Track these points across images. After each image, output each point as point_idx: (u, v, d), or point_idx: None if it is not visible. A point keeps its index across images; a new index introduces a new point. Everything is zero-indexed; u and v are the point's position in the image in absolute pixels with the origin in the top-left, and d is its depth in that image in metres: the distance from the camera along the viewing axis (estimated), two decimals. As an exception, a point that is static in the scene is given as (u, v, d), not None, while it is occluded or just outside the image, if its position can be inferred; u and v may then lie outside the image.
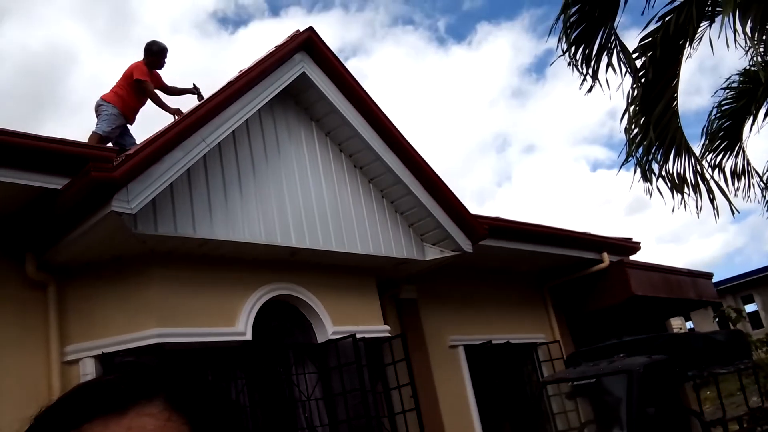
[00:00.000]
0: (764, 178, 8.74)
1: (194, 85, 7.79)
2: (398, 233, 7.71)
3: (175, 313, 5.85)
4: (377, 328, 7.47)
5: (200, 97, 7.65)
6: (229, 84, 6.13)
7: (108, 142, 7.06)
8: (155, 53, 7.43)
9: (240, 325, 6.22)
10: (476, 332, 9.37)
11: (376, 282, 7.77)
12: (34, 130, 5.67)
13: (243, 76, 6.21)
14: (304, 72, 6.87)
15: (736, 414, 9.34)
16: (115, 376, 0.67)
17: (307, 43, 6.90)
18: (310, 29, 7.01)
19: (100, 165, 4.97)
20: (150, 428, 0.61)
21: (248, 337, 6.23)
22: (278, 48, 6.64)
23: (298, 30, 7.02)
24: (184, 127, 5.59)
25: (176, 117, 6.55)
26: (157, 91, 7.56)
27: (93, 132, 7.07)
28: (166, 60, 7.55)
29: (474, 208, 8.08)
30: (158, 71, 7.59)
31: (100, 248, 5.59)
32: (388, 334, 7.54)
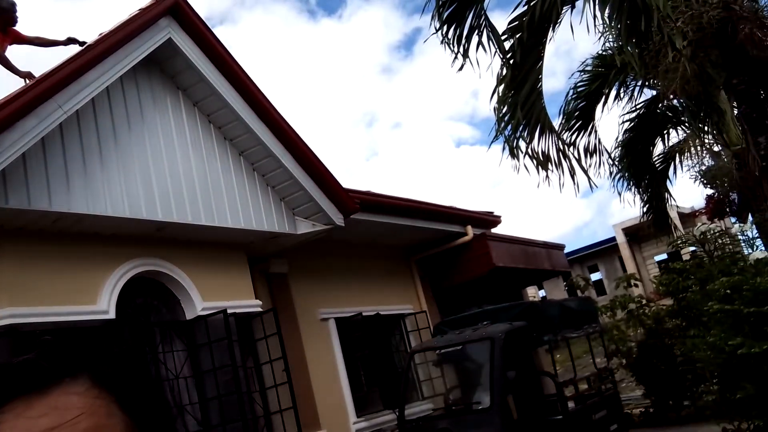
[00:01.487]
0: (613, 156, 9.49)
1: (69, 37, 7.13)
2: (270, 207, 7.63)
3: (29, 291, 5.47)
4: (248, 303, 7.39)
5: (82, 45, 7.04)
6: (89, 48, 5.75)
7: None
8: (3, 10, 6.78)
9: (102, 303, 5.92)
10: (347, 305, 9.51)
11: (247, 256, 7.66)
12: None
13: (103, 39, 5.84)
14: (170, 38, 6.56)
15: (585, 374, 10.16)
16: (35, 355, 0.64)
17: (174, 8, 6.59)
18: (177, -7, 6.69)
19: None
20: (77, 406, 0.60)
21: (111, 315, 5.95)
22: (143, 11, 6.30)
23: (163, -7, 6.67)
24: (39, 93, 5.18)
25: (27, 81, 6.04)
26: (24, 46, 6.91)
27: None
28: (17, 15, 6.90)
29: (343, 182, 8.14)
30: (14, 28, 6.92)
31: (-59, 223, 5.09)
32: (259, 309, 7.49)
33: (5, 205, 5.11)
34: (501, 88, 6.99)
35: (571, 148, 8.33)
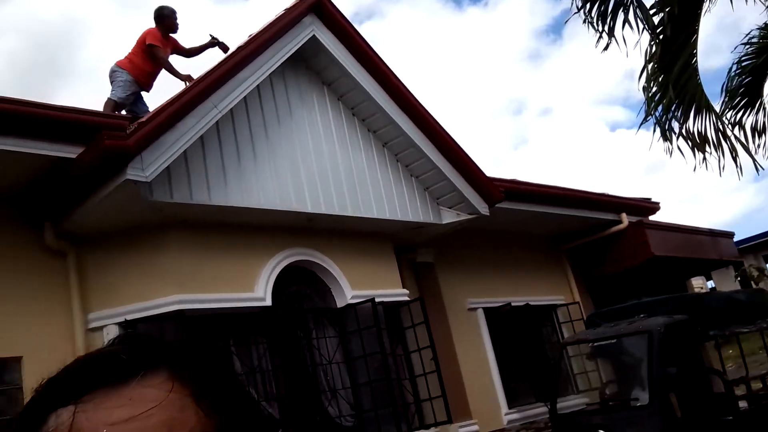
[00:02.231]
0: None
1: (212, 36, 7.65)
2: (414, 197, 7.68)
3: (194, 279, 5.90)
4: (395, 292, 7.48)
5: (222, 46, 7.54)
6: (239, 49, 6.08)
7: (122, 109, 7.03)
8: (165, 17, 7.35)
9: (259, 291, 6.26)
10: (495, 295, 9.37)
11: (393, 246, 7.76)
12: (49, 100, 5.65)
13: (253, 40, 6.15)
14: (314, 35, 6.79)
15: (759, 372, 9.29)
16: (117, 347, 0.66)
17: (317, 5, 6.81)
18: (320, -9, 6.91)
19: (113, 133, 4.98)
20: (151, 398, 0.60)
21: (268, 302, 6.27)
22: (287, 11, 6.56)
23: (307, -7, 6.91)
24: (196, 94, 5.56)
25: (187, 83, 6.50)
26: (176, 56, 7.50)
27: (108, 98, 7.03)
28: (177, 22, 7.45)
29: (491, 171, 7.99)
30: (174, 36, 7.50)
31: (117, 217, 5.61)
32: (406, 298, 7.56)
33: (170, 200, 5.54)
34: (650, 66, 6.53)
35: (736, 128, 7.61)
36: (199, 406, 0.63)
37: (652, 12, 6.33)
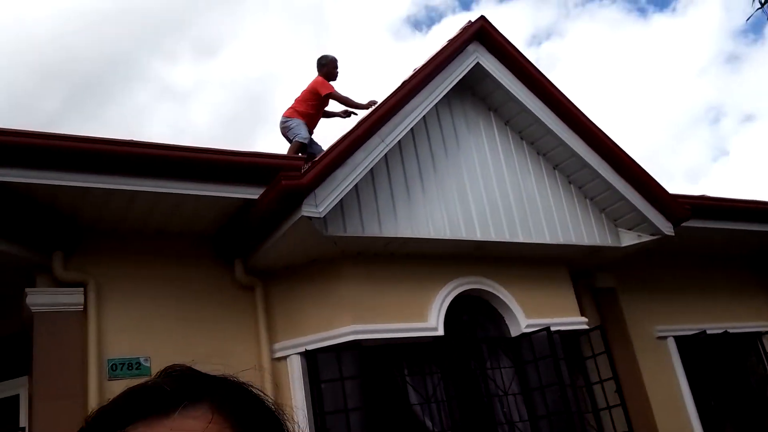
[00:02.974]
0: None
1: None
2: (589, 219, 7.33)
3: (368, 309, 6.06)
4: (573, 320, 7.15)
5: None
6: (404, 83, 6.22)
7: (308, 149, 7.42)
8: (327, 64, 7.72)
9: (431, 320, 6.28)
10: (686, 321, 8.63)
11: (569, 272, 7.44)
12: (251, 148, 6.07)
13: (418, 73, 6.27)
14: (478, 62, 6.79)
15: None
16: (162, 380, 0.69)
17: (480, 32, 6.81)
18: (482, 18, 6.91)
19: (289, 174, 5.29)
20: (192, 429, 0.62)
21: (440, 332, 6.27)
22: (451, 42, 6.62)
23: (469, 21, 6.94)
24: (364, 130, 5.77)
25: (371, 107, 6.65)
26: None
27: (294, 140, 7.43)
28: (337, 71, 7.81)
29: (687, 186, 7.44)
30: (332, 83, 7.85)
31: (296, 251, 5.94)
32: (585, 326, 7.20)
33: (344, 233, 5.76)
34: None
35: None
36: None
37: None
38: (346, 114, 7.97)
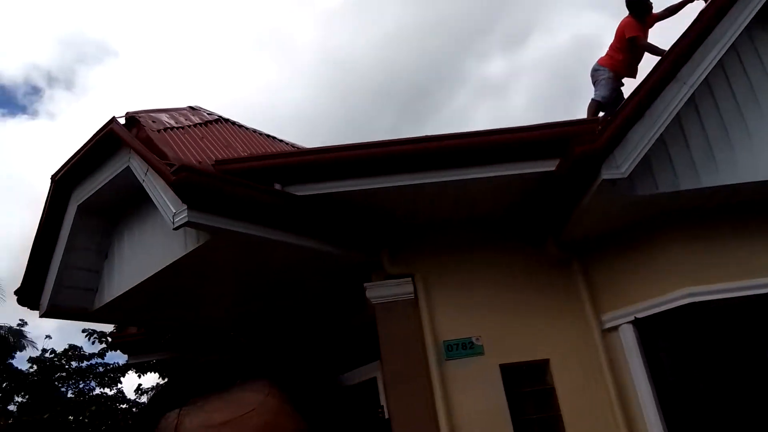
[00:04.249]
0: None
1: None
2: None
3: (699, 270, 5.51)
4: None
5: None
6: (703, 13, 5.53)
7: (605, 109, 7.07)
8: (636, 3, 7.13)
9: (774, 276, 5.44)
10: None
11: None
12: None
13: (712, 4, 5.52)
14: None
15: None
16: (222, 357, 0.73)
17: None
18: None
19: (582, 139, 5.10)
20: (250, 402, 0.66)
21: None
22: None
23: None
24: (659, 77, 5.27)
25: None
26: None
27: (591, 99, 7.14)
28: (650, 2, 7.15)
29: None
30: (649, 18, 7.20)
31: (607, 218, 5.68)
32: None
33: (656, 191, 5.32)
34: None
35: None
36: (295, 411, 0.66)
37: None
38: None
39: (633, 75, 7.27)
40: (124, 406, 19.43)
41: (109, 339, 15.90)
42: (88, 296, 6.40)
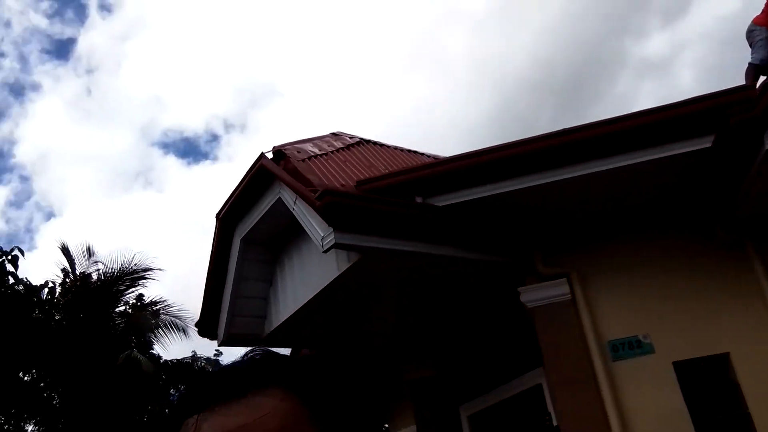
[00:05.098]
0: None
1: None
2: None
3: None
4: None
5: None
6: None
7: (764, 72, 6.39)
8: None
9: None
10: None
11: None
12: None
13: None
14: None
15: None
16: (242, 364, 0.75)
17: None
18: None
19: (737, 109, 4.65)
20: (266, 407, 0.68)
21: None
22: None
23: None
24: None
25: None
26: None
27: (748, 64, 6.50)
28: None
29: None
30: None
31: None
32: None
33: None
34: None
35: None
36: (310, 417, 0.68)
37: None
38: None
39: None
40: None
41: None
42: (258, 323, 6.84)
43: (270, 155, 6.40)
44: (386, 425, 9.06)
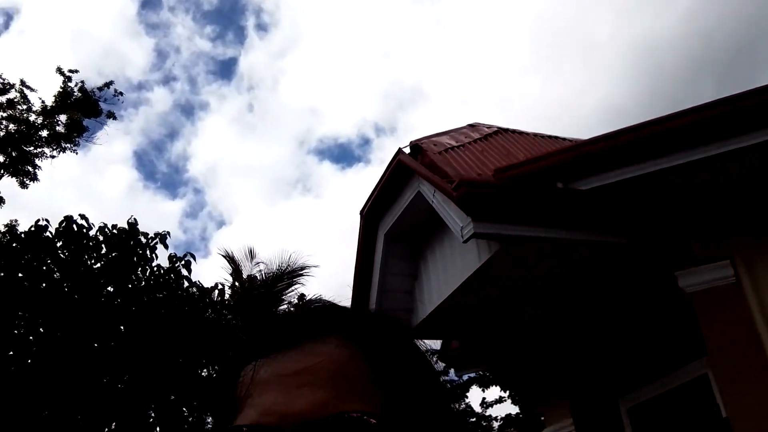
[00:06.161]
0: None
1: None
2: None
3: None
4: None
5: None
6: None
7: None
8: None
9: None
10: None
11: None
12: None
13: None
14: None
15: None
16: (298, 311, 0.77)
17: None
18: None
19: None
20: (322, 352, 0.68)
21: None
22: None
23: None
24: None
25: None
26: None
27: None
28: None
29: None
30: None
31: None
32: None
33: None
34: None
35: None
36: (367, 365, 0.68)
37: None
38: None
39: None
40: (473, 419, 20.35)
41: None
42: (405, 317, 6.94)
43: (408, 150, 6.47)
44: (542, 417, 8.87)
